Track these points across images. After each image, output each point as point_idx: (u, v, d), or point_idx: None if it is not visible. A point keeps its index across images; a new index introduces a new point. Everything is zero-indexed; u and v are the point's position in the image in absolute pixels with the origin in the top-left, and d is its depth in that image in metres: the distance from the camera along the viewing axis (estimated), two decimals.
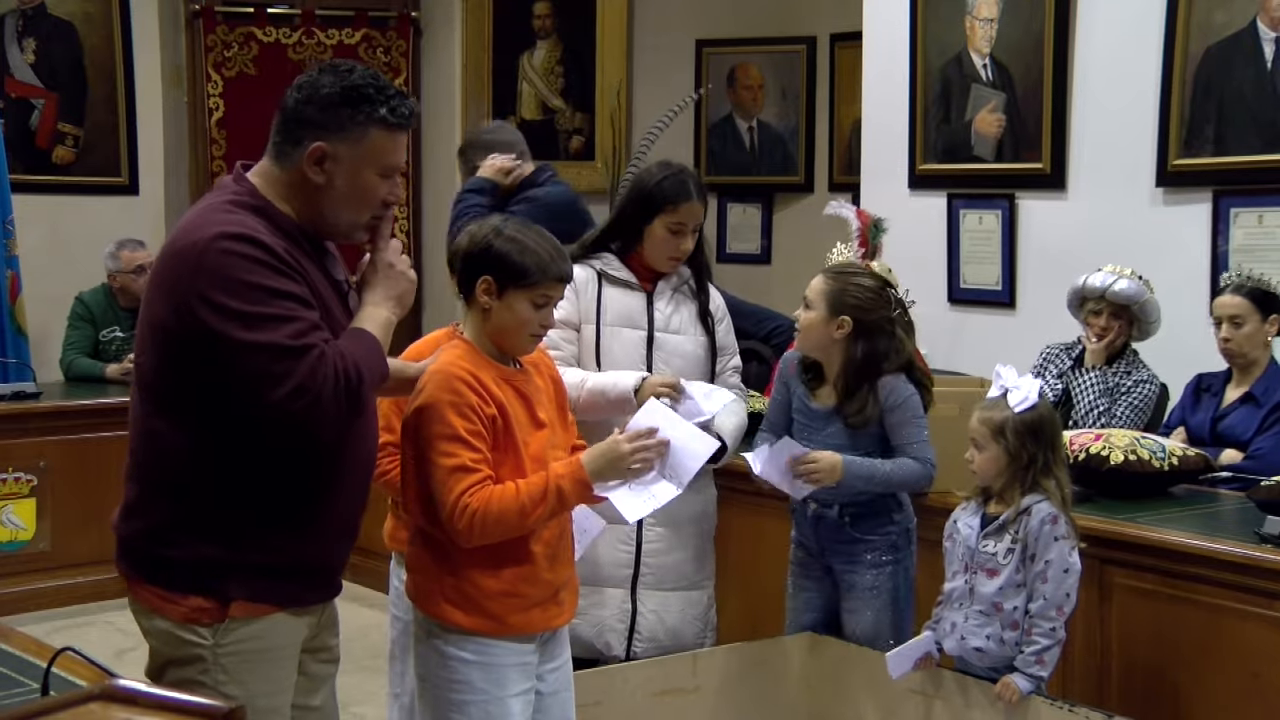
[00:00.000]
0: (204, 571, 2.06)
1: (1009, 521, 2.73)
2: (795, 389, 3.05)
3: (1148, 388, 3.86)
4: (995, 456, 2.74)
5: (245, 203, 2.08)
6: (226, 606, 2.07)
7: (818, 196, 6.59)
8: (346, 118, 2.07)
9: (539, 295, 2.32)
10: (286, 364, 1.96)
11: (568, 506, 2.32)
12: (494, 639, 2.32)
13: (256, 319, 1.97)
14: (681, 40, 6.89)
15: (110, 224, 5.92)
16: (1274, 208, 4.05)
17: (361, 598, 5.09)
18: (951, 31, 4.87)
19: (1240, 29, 4.11)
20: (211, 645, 2.07)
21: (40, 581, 4.98)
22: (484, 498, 2.23)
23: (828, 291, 2.92)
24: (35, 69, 6.06)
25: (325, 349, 2.00)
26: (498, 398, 2.29)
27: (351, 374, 2.00)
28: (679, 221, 3.02)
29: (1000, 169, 4.77)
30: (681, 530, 3.10)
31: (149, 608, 2.10)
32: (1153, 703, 2.93)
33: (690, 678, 2.96)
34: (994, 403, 2.77)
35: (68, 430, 5.07)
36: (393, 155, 2.11)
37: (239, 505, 2.07)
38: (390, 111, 2.08)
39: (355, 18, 6.70)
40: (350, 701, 3.89)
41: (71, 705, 1.40)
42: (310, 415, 1.98)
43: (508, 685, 2.33)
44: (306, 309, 2.02)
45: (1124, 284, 3.86)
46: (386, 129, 2.09)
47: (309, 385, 1.96)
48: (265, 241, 2.01)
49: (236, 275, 1.98)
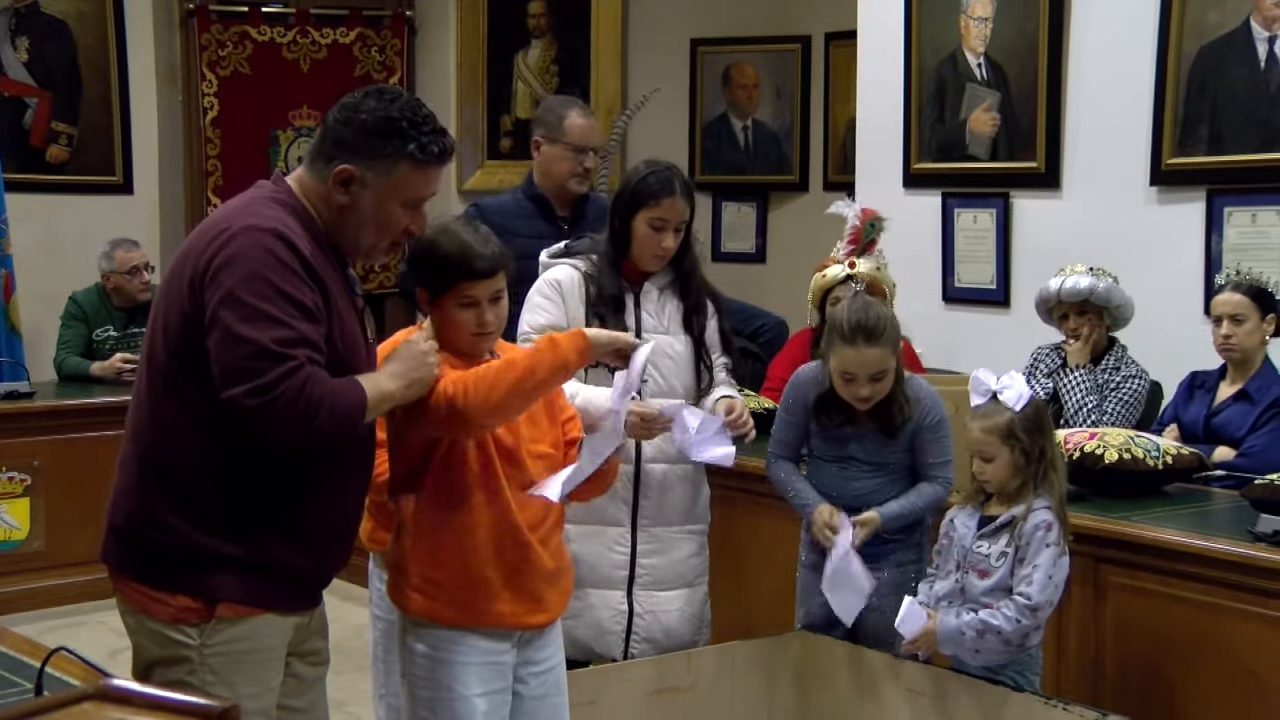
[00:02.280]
0: (193, 565, 2.07)
1: (1007, 524, 2.72)
2: (809, 408, 3.01)
3: (1137, 383, 3.87)
4: (1009, 461, 2.71)
5: (284, 201, 2.13)
6: (213, 607, 2.07)
7: (813, 196, 6.59)
8: (378, 147, 2.11)
9: (461, 298, 2.30)
10: (261, 364, 1.98)
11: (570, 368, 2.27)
12: (458, 631, 2.31)
13: (254, 314, 1.99)
14: (676, 39, 6.89)
15: (104, 223, 5.90)
16: (1267, 207, 4.06)
17: (356, 597, 5.07)
18: (946, 31, 4.88)
19: (1234, 28, 4.12)
20: (199, 645, 2.07)
21: (34, 581, 4.96)
22: (485, 368, 2.22)
23: (890, 349, 2.87)
24: (29, 68, 6.04)
25: (306, 366, 2.01)
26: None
27: (315, 403, 2.00)
28: (660, 218, 3.00)
29: (995, 168, 4.77)
30: (676, 530, 3.10)
31: (136, 607, 2.11)
32: (1147, 701, 2.94)
33: (685, 676, 2.96)
34: (989, 409, 2.74)
35: (61, 430, 5.06)
36: (419, 189, 2.15)
37: (236, 501, 2.07)
38: (419, 149, 2.11)
39: (350, 17, 6.68)
40: (347, 701, 3.89)
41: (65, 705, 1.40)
42: (259, 417, 1.99)
43: (472, 683, 2.31)
44: (307, 320, 2.03)
45: (1075, 282, 3.89)
46: (414, 165, 2.12)
47: (269, 389, 1.97)
48: (294, 241, 2.05)
49: (253, 267, 2.01)
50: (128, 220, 6.05)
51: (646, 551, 3.07)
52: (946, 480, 2.93)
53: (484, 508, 2.30)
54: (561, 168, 3.79)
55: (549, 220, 3.81)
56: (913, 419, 2.91)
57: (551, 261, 3.16)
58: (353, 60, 6.68)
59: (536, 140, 3.86)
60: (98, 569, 4.64)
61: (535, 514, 2.36)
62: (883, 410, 2.92)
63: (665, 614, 3.09)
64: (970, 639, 2.70)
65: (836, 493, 2.96)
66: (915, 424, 2.92)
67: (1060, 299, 3.93)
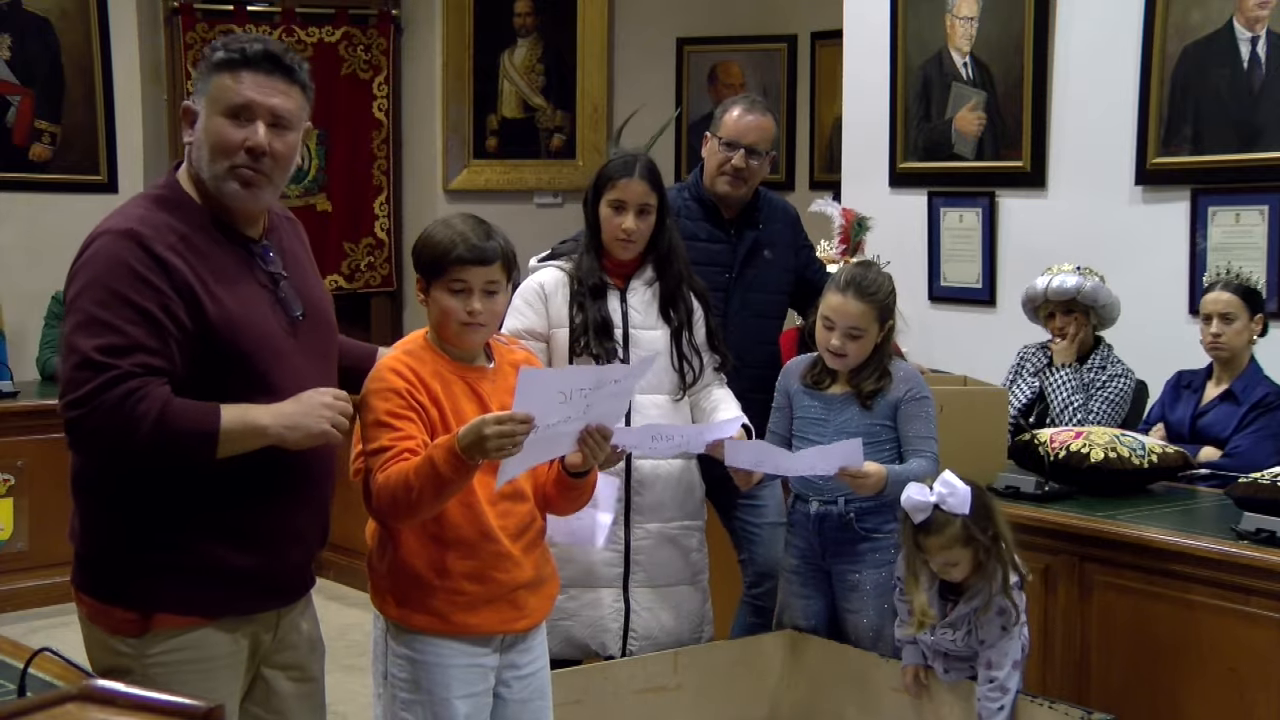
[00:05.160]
0: (129, 576, 2.06)
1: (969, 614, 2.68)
2: (794, 389, 3.03)
3: (1122, 382, 3.88)
4: (972, 559, 2.65)
5: (159, 196, 2.11)
6: (150, 618, 2.06)
7: (799, 194, 6.60)
8: (201, 74, 2.10)
9: (452, 282, 2.29)
10: (83, 374, 1.95)
11: (445, 479, 2.14)
12: (439, 637, 2.30)
13: (88, 321, 1.97)
14: (662, 38, 6.89)
15: (88, 222, 5.74)
16: (1250, 206, 4.08)
17: (343, 596, 5.08)
18: (932, 30, 4.89)
19: (1217, 29, 4.14)
20: (137, 656, 2.06)
21: (17, 581, 4.94)
22: (387, 473, 2.21)
23: (875, 312, 2.88)
24: (11, 65, 6.00)
25: (133, 376, 1.94)
26: (433, 389, 2.27)
27: (138, 417, 1.94)
28: (618, 198, 2.99)
29: (980, 167, 4.78)
30: (671, 527, 3.09)
31: (87, 618, 2.14)
32: (1131, 699, 2.95)
33: (672, 676, 2.96)
34: (939, 521, 2.63)
35: (45, 429, 5.02)
36: (232, 94, 2.06)
37: (165, 506, 2.04)
38: (223, 50, 2.09)
39: (335, 15, 6.67)
40: (334, 700, 3.87)
41: (49, 706, 1.39)
42: (77, 429, 1.96)
43: (453, 686, 2.30)
44: (145, 325, 1.97)
45: (1062, 280, 3.90)
46: (225, 70, 2.07)
47: (85, 401, 1.94)
48: (146, 240, 2.00)
49: (94, 273, 2.00)
50: None
51: (640, 548, 3.06)
52: (933, 455, 2.90)
53: (459, 516, 2.28)
54: (710, 163, 3.45)
55: (715, 223, 3.45)
56: (893, 393, 2.91)
57: (538, 265, 3.16)
58: (339, 59, 6.67)
59: (705, 135, 3.53)
60: None
61: (518, 521, 2.35)
62: (856, 375, 2.93)
63: (663, 611, 3.07)
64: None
65: (829, 475, 2.94)
66: (898, 398, 2.91)
67: (1047, 298, 3.95)
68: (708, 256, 3.34)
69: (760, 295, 3.47)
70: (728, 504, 3.33)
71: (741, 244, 3.45)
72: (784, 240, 3.55)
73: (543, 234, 4.08)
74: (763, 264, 3.48)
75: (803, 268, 3.60)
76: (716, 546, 3.28)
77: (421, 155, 6.80)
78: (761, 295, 3.48)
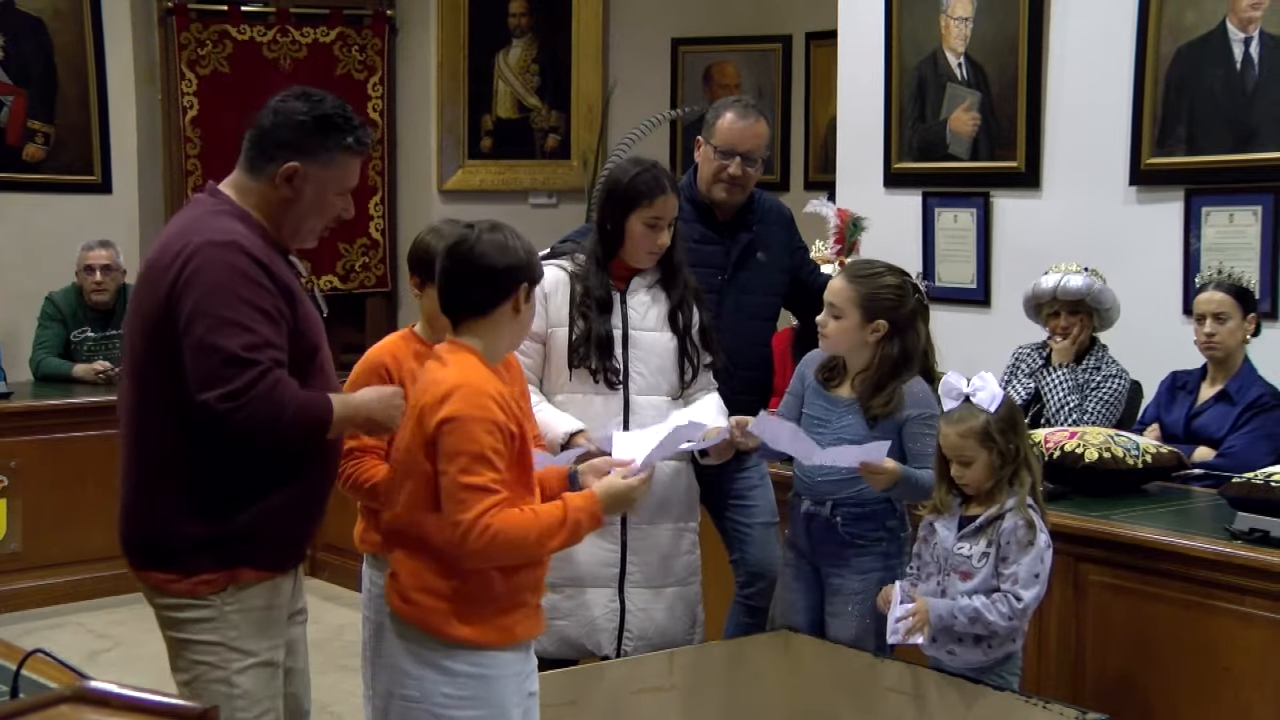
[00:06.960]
0: (207, 550, 2.28)
1: (986, 524, 2.72)
2: (809, 381, 3.03)
3: (1117, 383, 3.89)
4: (986, 463, 2.71)
5: (229, 211, 2.33)
6: (234, 574, 2.30)
7: (794, 195, 6.60)
8: (319, 143, 2.34)
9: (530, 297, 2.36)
10: (231, 370, 2.18)
11: (580, 539, 2.36)
12: (497, 650, 2.29)
13: (221, 323, 2.19)
14: (657, 39, 6.89)
15: (82, 223, 5.86)
16: (1244, 206, 4.09)
17: (336, 597, 5.07)
18: (926, 30, 4.89)
19: (1210, 29, 4.15)
20: (219, 606, 2.30)
21: (11, 583, 4.94)
22: (503, 520, 2.19)
23: (858, 297, 2.89)
24: (4, 65, 6.00)
25: (274, 370, 2.21)
26: (517, 414, 2.29)
27: (283, 405, 2.20)
28: (655, 216, 3.01)
29: (975, 167, 4.79)
30: (665, 527, 3.09)
31: (157, 587, 2.33)
32: (1126, 698, 2.95)
33: (666, 676, 2.96)
34: (963, 412, 2.72)
35: (39, 430, 5.04)
36: (353, 178, 2.41)
37: (229, 487, 2.28)
38: (356, 141, 2.37)
39: (330, 16, 6.66)
40: (330, 701, 3.88)
41: (42, 708, 1.39)
42: (231, 420, 2.19)
43: (511, 696, 2.31)
44: (269, 323, 2.23)
45: (1072, 280, 3.89)
46: (351, 155, 2.38)
47: (241, 394, 2.18)
48: (248, 249, 2.25)
49: (217, 279, 2.21)
50: (106, 220, 6.01)
51: (637, 548, 3.06)
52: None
53: None
54: (705, 170, 3.42)
55: (709, 225, 3.43)
56: (902, 414, 2.90)
57: None
58: (333, 60, 6.66)
59: (697, 139, 3.51)
60: (76, 570, 4.64)
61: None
62: (866, 392, 2.92)
63: (657, 611, 3.08)
64: (962, 624, 2.69)
65: (821, 476, 2.95)
66: (906, 415, 2.90)
67: (1056, 296, 3.92)
68: (701, 258, 3.34)
69: (753, 297, 3.47)
70: (719, 505, 3.33)
71: (735, 246, 3.44)
72: (778, 242, 3.54)
73: (538, 234, 4.04)
74: (756, 266, 3.47)
75: (797, 269, 3.60)
76: (707, 547, 3.28)
77: (416, 156, 6.79)
78: (754, 297, 3.47)
